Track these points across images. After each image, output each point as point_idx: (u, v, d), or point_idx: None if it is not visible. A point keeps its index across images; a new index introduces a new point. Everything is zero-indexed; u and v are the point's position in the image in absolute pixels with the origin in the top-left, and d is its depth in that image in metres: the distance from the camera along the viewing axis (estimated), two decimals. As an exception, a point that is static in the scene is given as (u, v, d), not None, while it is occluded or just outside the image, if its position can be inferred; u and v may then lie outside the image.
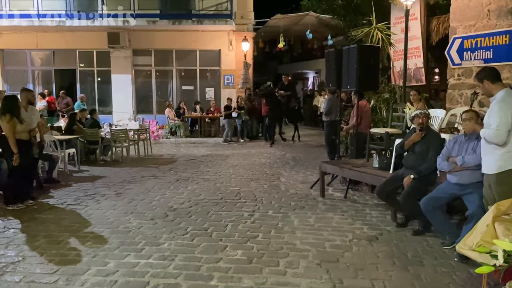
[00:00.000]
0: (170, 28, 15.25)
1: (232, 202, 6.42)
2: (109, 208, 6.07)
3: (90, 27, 14.85)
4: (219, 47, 16.08)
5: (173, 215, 5.73)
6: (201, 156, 11.06)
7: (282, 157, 10.84)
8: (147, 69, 16.66)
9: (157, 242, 4.67)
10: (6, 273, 3.91)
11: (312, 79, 26.72)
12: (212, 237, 4.85)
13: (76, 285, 3.67)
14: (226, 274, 3.85)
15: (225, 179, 8.12)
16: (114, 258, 4.22)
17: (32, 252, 4.44)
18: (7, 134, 5.94)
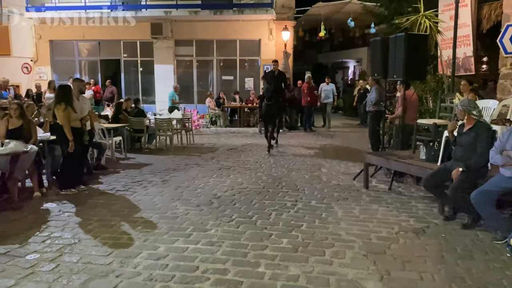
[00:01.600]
0: (211, 18, 15.39)
1: (274, 191, 6.47)
2: (156, 195, 6.27)
3: (134, 18, 15.20)
4: (259, 37, 16.07)
5: (217, 203, 5.85)
6: (241, 146, 11.17)
7: (323, 148, 10.78)
8: (188, 59, 16.91)
9: (204, 228, 4.79)
10: (64, 254, 4.14)
11: (352, 68, 26.25)
12: (257, 225, 4.92)
13: (129, 267, 3.83)
14: (273, 261, 3.91)
15: (266, 169, 8.18)
16: (164, 243, 4.38)
17: (87, 235, 4.67)
18: (62, 122, 6.22)
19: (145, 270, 3.75)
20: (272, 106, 9.74)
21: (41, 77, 16.25)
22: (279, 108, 10.09)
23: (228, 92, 16.28)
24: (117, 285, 3.49)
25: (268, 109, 9.81)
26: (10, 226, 4.95)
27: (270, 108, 9.78)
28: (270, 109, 9.79)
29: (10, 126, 6.19)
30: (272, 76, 9.84)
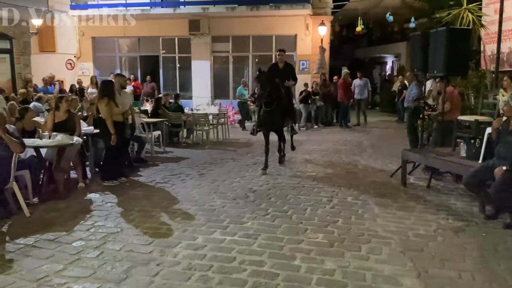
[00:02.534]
0: (248, 14, 15.46)
1: (310, 187, 6.49)
2: (194, 187, 6.42)
3: (173, 15, 15.52)
4: (295, 32, 16.02)
5: (253, 197, 5.93)
6: (276, 141, 11.12)
7: (359, 144, 10.67)
8: (225, 55, 17.07)
9: (241, 221, 4.89)
10: (107, 242, 4.33)
11: (391, 63, 25.70)
12: (292, 220, 4.97)
13: (169, 256, 3.97)
14: (308, 255, 3.95)
15: (301, 165, 8.19)
16: (202, 234, 4.50)
17: (128, 225, 4.86)
18: (105, 116, 6.47)
19: (184, 260, 3.88)
20: (274, 112, 7.33)
21: (84, 73, 16.85)
22: (284, 114, 7.66)
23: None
24: (158, 273, 3.63)
25: (269, 116, 7.41)
26: (57, 214, 5.22)
27: (271, 116, 7.38)
28: (271, 116, 7.39)
29: (56, 120, 6.48)
30: (276, 70, 7.69)
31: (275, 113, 7.35)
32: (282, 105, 7.38)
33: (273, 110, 7.31)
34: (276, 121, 7.50)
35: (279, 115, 7.46)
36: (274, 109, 7.30)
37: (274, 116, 7.37)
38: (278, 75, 7.48)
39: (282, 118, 7.62)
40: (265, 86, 7.06)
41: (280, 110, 7.38)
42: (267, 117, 7.43)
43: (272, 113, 7.33)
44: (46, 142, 5.97)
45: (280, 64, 7.74)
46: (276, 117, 7.42)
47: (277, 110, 7.32)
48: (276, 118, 7.45)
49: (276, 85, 7.26)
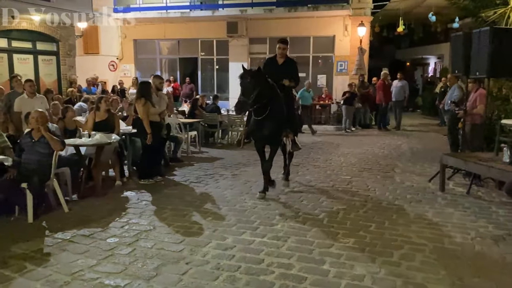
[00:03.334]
0: (286, 16, 15.42)
1: (344, 190, 6.38)
2: (226, 188, 6.47)
3: (211, 17, 15.72)
4: (333, 33, 15.83)
5: (285, 198, 5.90)
6: (311, 143, 11.11)
7: (398, 148, 10.40)
8: (262, 57, 17.05)
9: (271, 223, 4.87)
10: (140, 239, 4.43)
11: (433, 65, 24.91)
12: (324, 223, 4.90)
13: (198, 255, 4.02)
14: (338, 260, 3.88)
15: (336, 167, 8.08)
16: (232, 234, 4.52)
17: (161, 223, 4.95)
18: (142, 116, 6.63)
19: (213, 259, 3.91)
20: (266, 122, 5.71)
21: (126, 74, 17.37)
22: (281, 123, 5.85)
23: (299, 89, 16.19)
24: (187, 272, 3.68)
25: (260, 127, 5.81)
26: (94, 211, 5.40)
27: (263, 126, 5.77)
28: (263, 127, 5.78)
29: (97, 119, 6.71)
30: (274, 67, 6.12)
31: (268, 123, 5.69)
32: (278, 111, 5.72)
33: (266, 119, 5.66)
34: (270, 133, 5.78)
35: (275, 125, 5.74)
36: (267, 118, 5.66)
37: (267, 126, 5.71)
38: (275, 73, 5.94)
39: (279, 128, 5.88)
40: (248, 92, 5.40)
41: (276, 118, 5.69)
42: (258, 128, 5.83)
43: (265, 122, 5.69)
44: (85, 140, 6.19)
45: (280, 59, 6.20)
46: (269, 128, 5.73)
47: (271, 119, 5.66)
48: (270, 129, 5.74)
49: (269, 86, 5.62)
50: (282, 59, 6.22)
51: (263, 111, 5.63)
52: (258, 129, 5.87)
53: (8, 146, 5.48)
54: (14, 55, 12.97)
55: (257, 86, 5.41)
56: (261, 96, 5.46)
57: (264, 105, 5.58)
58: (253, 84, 5.40)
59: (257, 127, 5.86)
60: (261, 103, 5.53)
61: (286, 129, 6.08)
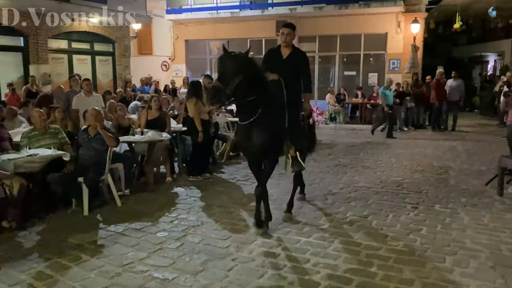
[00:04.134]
0: (336, 14, 15.20)
1: (394, 192, 6.20)
2: (273, 187, 6.45)
3: (261, 17, 15.78)
4: (385, 30, 15.40)
5: (332, 199, 5.82)
6: (360, 143, 10.88)
7: (452, 149, 9.95)
8: (311, 55, 16.91)
9: (317, 223, 4.83)
10: (188, 234, 4.54)
11: (493, 62, 23.61)
12: (372, 225, 4.79)
13: (244, 252, 4.05)
14: (386, 263, 3.78)
15: (386, 168, 7.85)
16: (278, 233, 4.53)
17: (209, 219, 5.04)
18: (193, 115, 6.78)
19: (258, 257, 3.93)
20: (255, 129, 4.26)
21: (177, 74, 17.82)
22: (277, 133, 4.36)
23: (349, 88, 15.95)
24: (233, 268, 3.72)
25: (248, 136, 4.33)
26: (145, 206, 5.59)
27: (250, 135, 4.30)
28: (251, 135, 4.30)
29: (149, 117, 6.93)
30: (277, 60, 4.71)
31: (258, 131, 4.23)
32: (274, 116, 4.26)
33: (255, 125, 4.21)
34: (260, 144, 4.25)
35: (267, 134, 4.22)
36: (256, 123, 4.19)
37: (256, 135, 4.24)
38: (278, 69, 4.53)
39: (273, 138, 4.30)
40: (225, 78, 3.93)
41: (268, 125, 4.21)
42: (245, 138, 4.35)
43: (253, 130, 4.24)
44: (138, 138, 6.41)
45: (285, 49, 4.69)
46: (260, 137, 4.23)
47: (261, 125, 4.20)
48: (261, 139, 4.23)
49: (260, 80, 4.18)
50: (288, 50, 4.69)
51: (250, 113, 4.16)
52: (245, 138, 4.35)
53: (67, 142, 5.79)
54: (73, 56, 13.70)
55: (240, 73, 3.89)
56: (245, 89, 3.95)
57: (250, 104, 4.10)
58: (234, 69, 3.90)
59: (244, 135, 4.37)
60: (244, 100, 4.06)
61: (287, 141, 4.52)
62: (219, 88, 3.89)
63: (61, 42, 13.34)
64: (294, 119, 4.57)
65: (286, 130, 4.45)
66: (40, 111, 5.86)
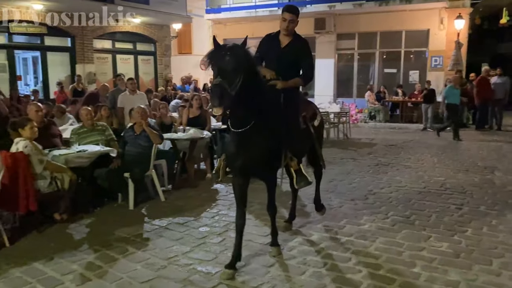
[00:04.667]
0: (376, 10, 14.96)
1: (437, 192, 6.06)
2: (312, 185, 6.45)
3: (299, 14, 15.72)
4: (427, 27, 15.02)
5: (373, 199, 5.76)
6: (401, 142, 10.67)
7: (498, 149, 9.59)
8: (350, 53, 16.77)
9: (358, 222, 4.80)
10: (229, 230, 4.62)
11: (542, 59, 22.49)
12: (414, 225, 4.71)
13: (285, 249, 4.09)
14: (430, 264, 3.72)
15: (429, 168, 7.67)
16: (318, 231, 4.54)
17: (249, 215, 5.04)
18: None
19: (299, 254, 3.96)
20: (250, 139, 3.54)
21: (215, 73, 18.07)
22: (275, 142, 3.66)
23: (389, 86, 15.65)
24: (274, 264, 3.78)
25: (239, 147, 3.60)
26: (187, 201, 5.73)
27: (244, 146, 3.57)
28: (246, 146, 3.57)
29: (190, 115, 7.09)
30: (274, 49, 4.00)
31: (253, 141, 3.51)
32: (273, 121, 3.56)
33: (253, 133, 3.47)
34: (258, 157, 3.57)
35: (267, 144, 3.56)
36: (253, 131, 3.46)
37: (254, 145, 3.52)
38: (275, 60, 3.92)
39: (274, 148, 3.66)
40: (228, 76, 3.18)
41: (266, 134, 3.53)
42: (238, 149, 3.59)
43: (250, 139, 3.51)
44: (180, 135, 6.58)
45: (285, 38, 3.99)
46: (257, 149, 3.53)
47: (258, 135, 3.49)
48: (259, 151, 3.54)
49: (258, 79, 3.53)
50: (288, 39, 3.97)
51: (246, 118, 3.43)
52: (238, 150, 3.56)
53: (113, 139, 6.02)
54: (117, 56, 14.16)
55: (240, 72, 3.21)
56: (247, 91, 3.28)
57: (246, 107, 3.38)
58: (234, 66, 3.19)
59: (236, 146, 3.57)
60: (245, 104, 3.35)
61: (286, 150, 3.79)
62: (223, 86, 3.12)
63: (106, 42, 13.83)
64: (293, 124, 3.84)
65: (285, 137, 3.66)
66: (88, 109, 6.12)
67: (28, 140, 4.67)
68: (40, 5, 11.00)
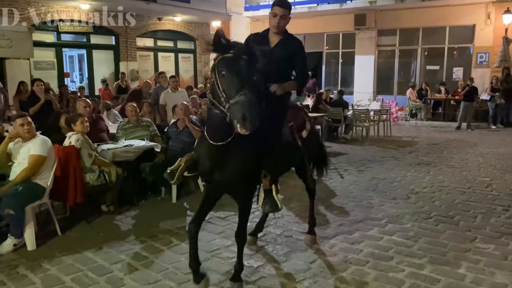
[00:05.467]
0: (418, 5, 14.59)
1: (482, 193, 5.88)
2: (351, 183, 6.43)
3: (339, 10, 15.58)
4: (473, 22, 14.49)
5: (415, 198, 5.66)
6: (444, 141, 10.39)
7: (549, 149, 9.17)
8: (390, 49, 16.43)
9: (400, 222, 4.74)
10: (270, 226, 4.67)
11: None
12: (459, 226, 4.61)
13: (326, 246, 4.11)
14: (476, 265, 3.64)
15: (473, 168, 7.44)
16: (359, 230, 4.52)
17: (289, 212, 5.15)
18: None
19: (340, 252, 3.97)
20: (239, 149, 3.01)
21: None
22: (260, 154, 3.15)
23: (432, 83, 15.23)
24: (315, 261, 3.80)
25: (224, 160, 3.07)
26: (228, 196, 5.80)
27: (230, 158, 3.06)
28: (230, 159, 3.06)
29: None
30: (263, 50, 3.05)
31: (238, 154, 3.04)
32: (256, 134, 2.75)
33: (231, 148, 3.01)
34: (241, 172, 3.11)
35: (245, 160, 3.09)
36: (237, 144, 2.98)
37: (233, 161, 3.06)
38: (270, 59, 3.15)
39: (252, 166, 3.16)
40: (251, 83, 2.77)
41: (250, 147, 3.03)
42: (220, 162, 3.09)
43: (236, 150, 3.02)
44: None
45: (274, 36, 3.54)
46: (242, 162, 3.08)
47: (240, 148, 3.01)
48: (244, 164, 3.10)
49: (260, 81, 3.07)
50: (278, 37, 3.52)
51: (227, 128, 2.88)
52: (216, 164, 3.09)
53: (157, 134, 6.20)
54: (158, 53, 14.51)
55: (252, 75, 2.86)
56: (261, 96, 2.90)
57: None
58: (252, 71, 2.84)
59: (215, 159, 3.07)
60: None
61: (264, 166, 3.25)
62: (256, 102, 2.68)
63: (148, 40, 14.18)
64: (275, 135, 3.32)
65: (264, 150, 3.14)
66: (134, 105, 6.32)
67: (80, 134, 4.89)
68: (87, 4, 11.42)
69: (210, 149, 3.06)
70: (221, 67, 2.77)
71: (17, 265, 3.78)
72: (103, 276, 3.58)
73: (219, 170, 3.10)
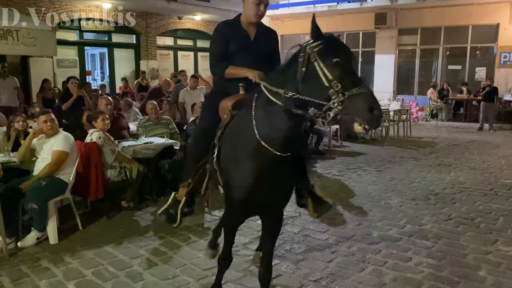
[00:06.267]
0: (440, 4, 14.33)
1: (504, 195, 5.77)
2: (370, 183, 6.38)
3: (359, 9, 15.44)
4: (497, 21, 14.16)
5: (435, 199, 5.59)
6: (465, 142, 10.21)
7: None
8: (411, 49, 16.20)
9: (419, 222, 4.69)
10: (287, 224, 4.68)
11: None
12: (480, 228, 4.54)
13: (344, 246, 4.09)
14: (497, 268, 3.58)
15: (495, 170, 7.30)
16: (377, 230, 4.49)
17: (306, 211, 5.07)
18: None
19: (358, 252, 3.95)
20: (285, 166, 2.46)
21: (272, 68, 18.16)
22: None
23: (453, 83, 14.96)
24: (333, 260, 3.79)
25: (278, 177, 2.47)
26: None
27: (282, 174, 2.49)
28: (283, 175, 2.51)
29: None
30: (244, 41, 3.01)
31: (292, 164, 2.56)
32: None
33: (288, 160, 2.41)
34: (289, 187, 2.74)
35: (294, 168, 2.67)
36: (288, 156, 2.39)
37: (287, 172, 2.53)
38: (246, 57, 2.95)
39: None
40: None
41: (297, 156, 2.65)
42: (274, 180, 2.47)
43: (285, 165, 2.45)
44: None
45: (250, 27, 3.07)
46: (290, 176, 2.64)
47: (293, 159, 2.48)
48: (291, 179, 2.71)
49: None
50: (254, 28, 3.07)
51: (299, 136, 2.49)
52: (276, 179, 2.48)
53: (176, 132, 6.26)
54: (178, 52, 14.64)
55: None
56: None
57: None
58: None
59: (276, 173, 2.45)
60: None
61: None
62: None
63: (168, 39, 14.33)
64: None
65: None
66: (154, 103, 6.41)
67: (101, 131, 4.99)
68: (109, 3, 11.60)
69: (265, 160, 2.36)
70: (333, 54, 2.13)
71: (39, 258, 3.88)
72: (123, 271, 3.64)
73: (272, 188, 2.48)
